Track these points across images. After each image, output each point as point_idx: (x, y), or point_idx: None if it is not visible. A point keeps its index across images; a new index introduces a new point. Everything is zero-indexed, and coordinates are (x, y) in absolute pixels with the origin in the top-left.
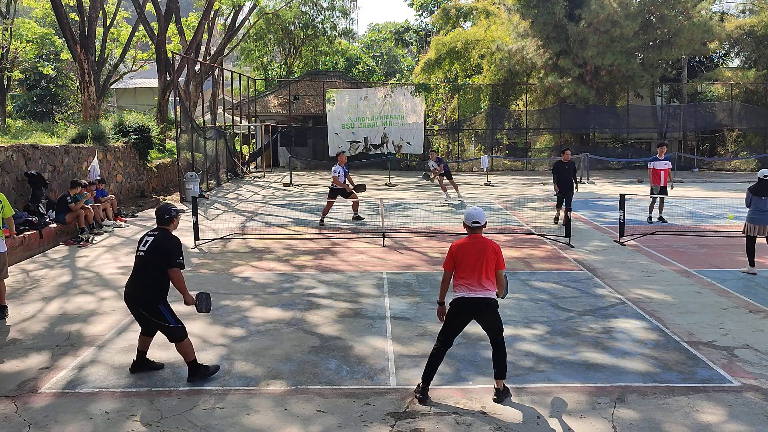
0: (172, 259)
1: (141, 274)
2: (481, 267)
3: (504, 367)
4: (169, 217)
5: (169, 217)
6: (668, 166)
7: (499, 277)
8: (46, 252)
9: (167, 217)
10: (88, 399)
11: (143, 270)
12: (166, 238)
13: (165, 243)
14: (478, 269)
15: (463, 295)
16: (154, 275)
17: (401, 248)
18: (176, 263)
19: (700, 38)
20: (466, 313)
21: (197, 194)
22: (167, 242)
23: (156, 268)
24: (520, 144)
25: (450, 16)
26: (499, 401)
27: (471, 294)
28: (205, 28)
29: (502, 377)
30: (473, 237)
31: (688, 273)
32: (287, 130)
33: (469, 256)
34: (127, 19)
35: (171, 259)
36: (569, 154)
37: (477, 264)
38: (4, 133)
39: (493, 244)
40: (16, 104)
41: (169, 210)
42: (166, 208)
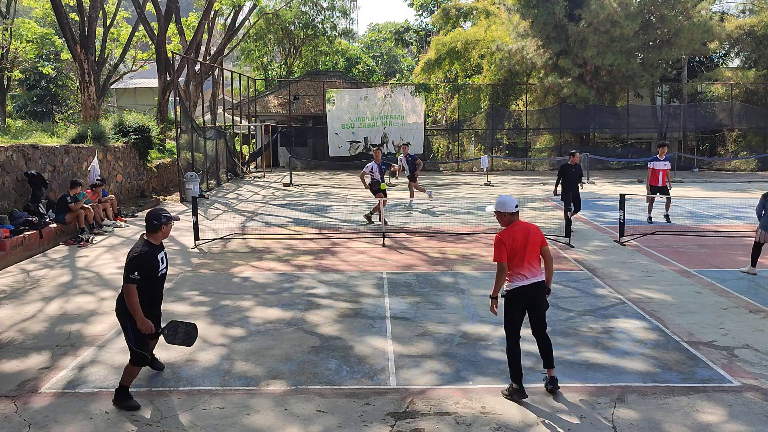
0: (125, 274)
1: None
2: (531, 252)
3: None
4: (157, 223)
5: (158, 223)
6: (667, 167)
7: (546, 253)
8: (46, 252)
9: (155, 223)
10: (88, 399)
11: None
12: (132, 250)
13: (128, 254)
14: (528, 254)
15: (523, 284)
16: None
17: (401, 248)
18: (127, 278)
19: (700, 38)
20: (524, 301)
21: (197, 194)
22: (129, 253)
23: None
24: (520, 144)
25: (450, 16)
26: (555, 388)
27: (527, 281)
28: (205, 28)
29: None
30: (518, 223)
31: (688, 273)
32: (287, 130)
33: (517, 242)
34: (127, 19)
35: (125, 273)
36: (578, 157)
37: (526, 250)
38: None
39: (534, 227)
40: (16, 104)
41: (159, 216)
42: (155, 214)
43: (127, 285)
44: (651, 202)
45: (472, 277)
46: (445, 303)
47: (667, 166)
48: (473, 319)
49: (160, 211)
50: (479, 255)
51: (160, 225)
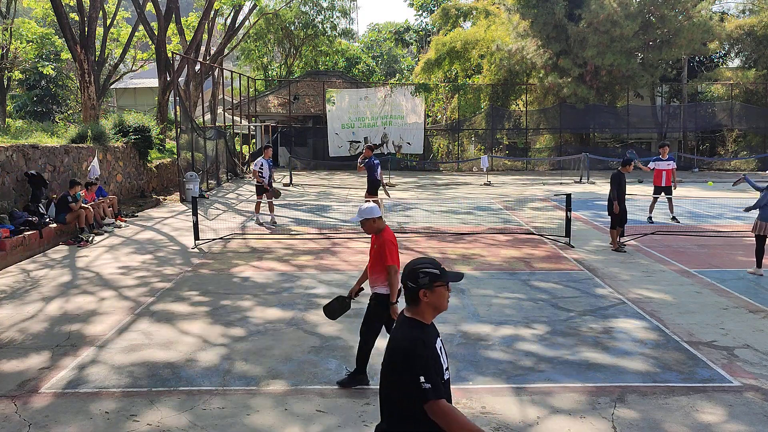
0: (411, 380)
1: None
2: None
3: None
4: (414, 286)
5: (415, 286)
6: (671, 166)
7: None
8: (46, 252)
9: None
10: (89, 399)
11: None
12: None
13: (396, 344)
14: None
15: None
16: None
17: (401, 248)
18: (423, 390)
19: (700, 38)
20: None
21: (197, 194)
22: (397, 342)
23: None
24: (520, 144)
25: (450, 15)
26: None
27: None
28: (205, 28)
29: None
30: (387, 227)
31: (688, 273)
32: (287, 130)
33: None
34: (127, 19)
35: (410, 380)
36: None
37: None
38: (4, 133)
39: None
40: (16, 104)
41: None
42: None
43: (435, 402)
44: (653, 203)
45: (472, 277)
46: None
47: (670, 165)
48: (473, 319)
49: (424, 264)
50: (479, 255)
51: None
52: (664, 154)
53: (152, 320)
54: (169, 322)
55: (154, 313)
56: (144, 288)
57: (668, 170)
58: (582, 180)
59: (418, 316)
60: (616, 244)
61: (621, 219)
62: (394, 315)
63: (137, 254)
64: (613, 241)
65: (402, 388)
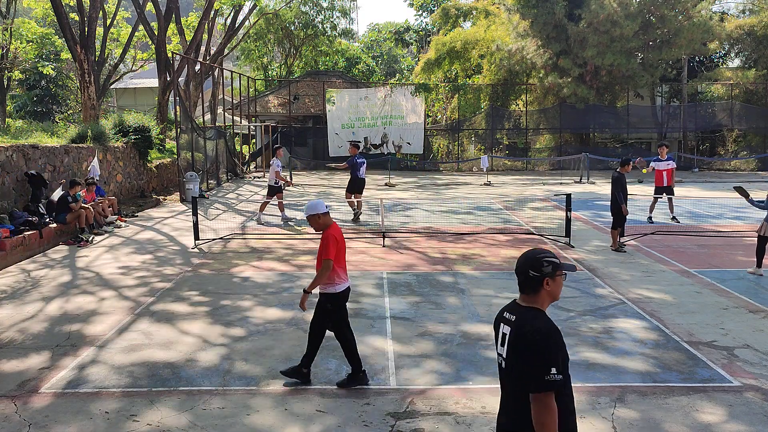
0: (536, 371)
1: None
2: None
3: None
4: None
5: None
6: (671, 166)
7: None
8: (46, 252)
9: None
10: (89, 399)
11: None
12: (541, 326)
13: (536, 334)
14: (344, 257)
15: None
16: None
17: (401, 248)
18: (544, 381)
19: (700, 38)
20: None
21: (197, 194)
22: (537, 334)
23: None
24: (520, 144)
25: (449, 15)
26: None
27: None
28: (205, 28)
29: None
30: (336, 224)
31: (688, 273)
32: (287, 130)
33: (342, 243)
34: (127, 19)
35: (535, 371)
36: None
37: (342, 252)
38: (4, 133)
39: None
40: (16, 104)
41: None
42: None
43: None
44: (654, 203)
45: (472, 277)
46: (445, 303)
47: (670, 165)
48: (473, 319)
49: (545, 253)
50: (479, 255)
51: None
52: (662, 154)
53: (152, 320)
54: (169, 322)
55: (154, 313)
56: (144, 288)
57: (668, 170)
58: (582, 180)
59: (536, 305)
60: (616, 245)
61: (622, 219)
62: (302, 304)
63: (137, 254)
64: (614, 241)
65: (528, 377)
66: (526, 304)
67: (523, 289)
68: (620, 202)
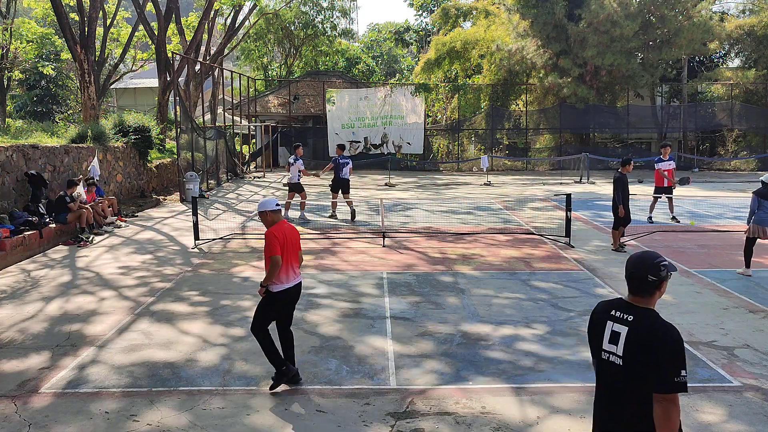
0: (669, 370)
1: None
2: (294, 252)
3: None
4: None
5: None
6: (672, 166)
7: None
8: (46, 252)
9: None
10: (89, 399)
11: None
12: (669, 330)
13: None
14: (292, 255)
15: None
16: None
17: (401, 248)
18: (674, 383)
19: (700, 38)
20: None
21: (197, 194)
22: (667, 336)
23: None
24: (520, 144)
25: (449, 15)
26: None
27: (293, 282)
28: (205, 28)
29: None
30: (284, 222)
31: (688, 273)
32: (287, 130)
33: (288, 244)
34: (127, 19)
35: (668, 370)
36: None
37: (291, 249)
38: (4, 133)
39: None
40: (16, 104)
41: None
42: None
43: (673, 396)
44: (654, 202)
45: (472, 277)
46: (445, 303)
47: (671, 165)
48: (473, 319)
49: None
50: (479, 255)
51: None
52: (665, 155)
53: (152, 320)
54: (169, 322)
55: (154, 313)
56: (144, 288)
57: (669, 170)
58: (582, 180)
59: (651, 306)
60: (617, 245)
61: (625, 219)
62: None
63: (137, 254)
64: (615, 241)
65: (658, 377)
66: (641, 306)
67: (637, 292)
68: (618, 202)
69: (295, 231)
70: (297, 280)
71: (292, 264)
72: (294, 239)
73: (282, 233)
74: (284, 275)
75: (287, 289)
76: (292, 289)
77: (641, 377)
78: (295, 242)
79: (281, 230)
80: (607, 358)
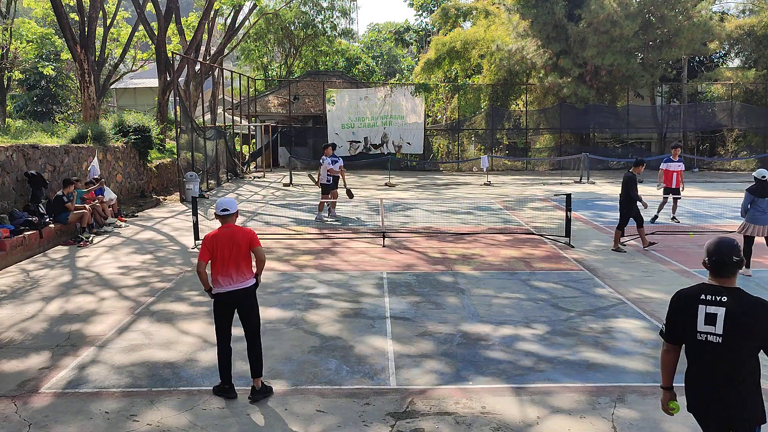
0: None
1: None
2: (235, 256)
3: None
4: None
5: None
6: (681, 168)
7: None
8: (46, 252)
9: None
10: (89, 399)
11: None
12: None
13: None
14: (232, 259)
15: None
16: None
17: (401, 248)
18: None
19: (700, 38)
20: (222, 306)
21: (197, 194)
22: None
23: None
24: (520, 144)
25: (449, 15)
26: (254, 401)
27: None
28: (205, 28)
29: (258, 375)
30: (225, 226)
31: (688, 273)
32: (287, 130)
33: (223, 248)
34: (127, 19)
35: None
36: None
37: (231, 253)
38: (4, 133)
39: (243, 229)
40: (16, 104)
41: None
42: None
43: None
44: (663, 203)
45: (472, 277)
46: (445, 303)
47: (680, 167)
48: (473, 319)
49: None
50: (479, 255)
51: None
52: (675, 156)
53: (152, 320)
54: (169, 322)
55: (154, 313)
56: (144, 288)
57: (678, 171)
58: (582, 180)
59: (736, 285)
60: (617, 245)
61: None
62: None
63: (137, 254)
64: (615, 242)
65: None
66: (730, 286)
67: (722, 273)
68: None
69: (239, 235)
70: (236, 286)
71: (230, 268)
72: (233, 243)
73: (214, 239)
74: (220, 278)
75: (221, 293)
76: (228, 294)
77: (742, 349)
78: (234, 246)
79: (216, 235)
80: (705, 338)
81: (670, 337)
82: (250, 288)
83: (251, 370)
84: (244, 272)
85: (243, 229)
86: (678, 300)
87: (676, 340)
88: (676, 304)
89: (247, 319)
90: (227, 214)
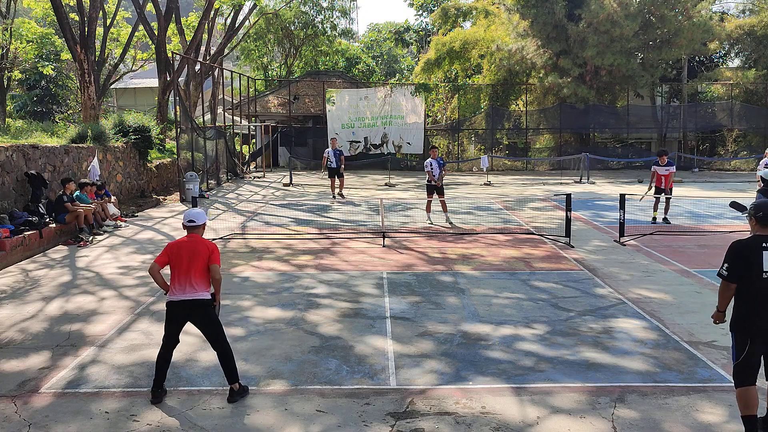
0: None
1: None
2: (193, 267)
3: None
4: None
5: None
6: (669, 171)
7: (213, 271)
8: (46, 252)
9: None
10: (89, 399)
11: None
12: None
13: None
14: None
15: (173, 299)
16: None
17: (401, 248)
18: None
19: (700, 38)
20: (174, 314)
21: (197, 194)
22: None
23: None
24: (520, 144)
25: (449, 15)
26: (231, 401)
27: (182, 296)
28: (205, 28)
29: (234, 382)
30: (189, 237)
31: (688, 273)
32: (287, 130)
33: (182, 257)
34: (127, 19)
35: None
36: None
37: (190, 264)
38: (4, 133)
39: (206, 243)
40: (16, 104)
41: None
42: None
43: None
44: (656, 203)
45: (472, 277)
46: (445, 303)
47: (669, 170)
48: (473, 319)
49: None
50: (479, 255)
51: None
52: (662, 162)
53: (152, 320)
54: None
55: (154, 312)
56: (144, 288)
57: (666, 175)
58: (582, 180)
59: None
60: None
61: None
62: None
63: (137, 254)
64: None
65: None
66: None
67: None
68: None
69: (200, 247)
70: (188, 296)
71: (185, 279)
72: (193, 255)
73: (175, 247)
74: (175, 286)
75: (174, 301)
76: (180, 303)
77: None
78: (193, 258)
79: (179, 244)
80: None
81: (733, 278)
82: (203, 301)
83: (227, 378)
84: (198, 285)
85: (207, 242)
86: (743, 249)
87: (738, 278)
88: (741, 252)
89: (206, 333)
90: (193, 225)
